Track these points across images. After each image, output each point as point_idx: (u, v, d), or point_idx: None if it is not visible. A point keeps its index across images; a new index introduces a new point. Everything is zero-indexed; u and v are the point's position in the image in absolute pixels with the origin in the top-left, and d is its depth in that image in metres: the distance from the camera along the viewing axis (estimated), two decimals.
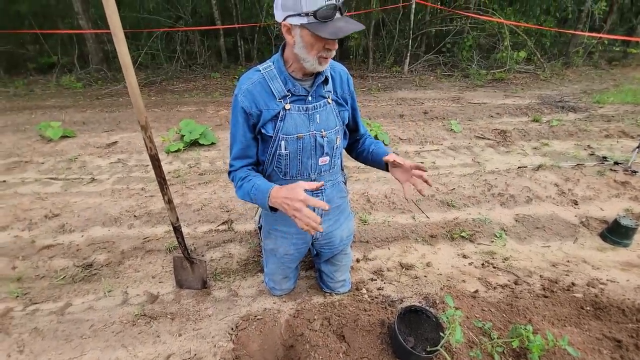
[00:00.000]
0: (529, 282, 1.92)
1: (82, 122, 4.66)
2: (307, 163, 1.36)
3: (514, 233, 2.39)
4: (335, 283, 1.81)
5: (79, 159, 3.63)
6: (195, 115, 4.96)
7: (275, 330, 1.64)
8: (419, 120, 4.63)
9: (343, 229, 1.65)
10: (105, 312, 1.81)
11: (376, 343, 1.47)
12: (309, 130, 1.30)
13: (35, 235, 2.44)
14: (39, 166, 3.50)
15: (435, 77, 7.19)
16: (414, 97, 5.75)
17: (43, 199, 2.86)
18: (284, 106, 1.26)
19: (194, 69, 8.00)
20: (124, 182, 3.16)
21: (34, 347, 1.57)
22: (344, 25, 1.08)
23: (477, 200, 2.72)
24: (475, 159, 3.48)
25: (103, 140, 4.03)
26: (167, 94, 6.36)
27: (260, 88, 1.25)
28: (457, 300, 1.72)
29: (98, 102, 5.84)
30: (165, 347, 1.56)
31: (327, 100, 1.32)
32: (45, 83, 7.19)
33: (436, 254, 2.23)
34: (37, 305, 1.89)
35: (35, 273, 2.14)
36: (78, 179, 3.26)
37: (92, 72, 7.46)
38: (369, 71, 7.77)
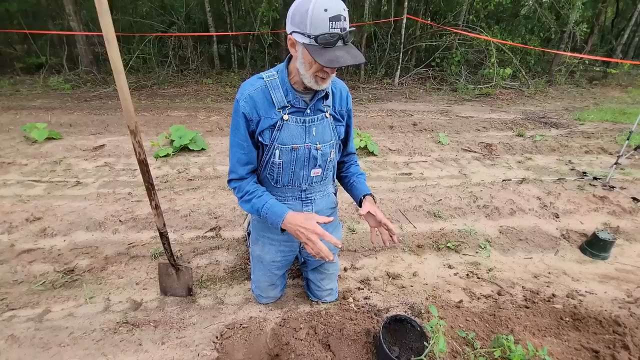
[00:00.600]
0: (511, 293, 1.96)
1: (69, 124, 4.58)
2: (299, 173, 1.39)
3: (498, 244, 2.44)
4: (322, 292, 1.82)
5: (64, 162, 3.56)
6: (186, 120, 4.94)
7: (260, 339, 1.63)
8: (408, 131, 4.71)
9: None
10: (85, 319, 1.76)
11: (362, 352, 1.47)
12: (304, 142, 1.33)
13: (15, 239, 2.37)
14: (21, 168, 3.42)
15: (425, 90, 7.36)
16: (403, 109, 5.86)
17: (25, 201, 2.79)
18: (282, 116, 1.28)
19: (185, 74, 7.99)
20: (110, 186, 3.11)
21: (10, 354, 1.52)
22: (342, 55, 1.09)
23: (463, 212, 2.78)
24: (461, 171, 3.56)
25: (90, 143, 3.97)
26: (157, 98, 6.32)
27: (262, 96, 1.27)
28: (441, 310, 1.75)
29: (86, 104, 5.76)
30: (147, 355, 1.53)
31: (325, 114, 1.35)
32: (32, 83, 7.06)
33: (422, 263, 2.26)
34: (14, 311, 1.82)
35: (13, 278, 2.07)
36: (62, 182, 3.20)
37: (82, 73, 7.36)
38: (361, 82, 7.90)
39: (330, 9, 1.04)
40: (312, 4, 1.04)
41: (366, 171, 3.50)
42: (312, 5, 1.04)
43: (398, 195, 2.95)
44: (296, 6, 1.10)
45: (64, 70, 7.47)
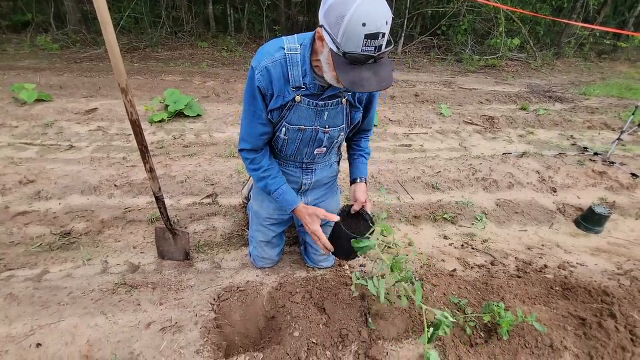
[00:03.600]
0: (504, 263, 2.00)
1: (58, 86, 4.42)
2: (302, 150, 1.38)
3: (494, 217, 2.46)
4: (318, 256, 1.84)
5: (56, 125, 3.47)
6: (181, 85, 4.78)
7: (257, 301, 1.66)
8: (409, 102, 4.60)
9: (329, 203, 1.69)
10: (84, 280, 1.78)
11: (356, 315, 1.51)
12: (313, 125, 1.28)
13: (9, 201, 2.35)
14: (12, 130, 3.33)
15: (429, 60, 7.13)
16: (405, 79, 5.69)
17: (17, 164, 2.74)
18: (294, 97, 1.19)
19: (179, 37, 7.64)
20: (104, 151, 3.05)
21: (10, 312, 1.54)
22: (368, 78, 0.96)
23: (462, 184, 2.77)
24: (462, 144, 3.52)
25: (82, 106, 3.85)
26: (150, 61, 6.09)
27: (280, 70, 1.16)
28: (435, 278, 1.78)
29: (77, 65, 5.53)
30: (145, 315, 1.56)
31: (341, 99, 1.25)
32: (18, 42, 6.74)
33: (418, 234, 2.28)
34: (12, 271, 1.84)
35: (10, 239, 2.07)
36: (55, 145, 3.13)
37: (70, 33, 7.01)
38: None
39: (370, 24, 0.88)
40: (350, 13, 0.88)
41: None
42: (350, 15, 0.88)
43: (397, 166, 2.93)
44: (335, 2, 0.92)
45: (52, 29, 7.11)
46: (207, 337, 1.46)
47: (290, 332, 1.45)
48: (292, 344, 1.39)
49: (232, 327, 1.57)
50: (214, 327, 1.52)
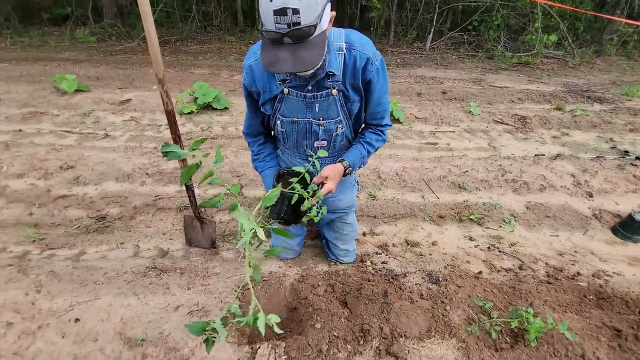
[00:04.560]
0: (533, 268, 1.93)
1: (96, 77, 4.63)
2: (302, 142, 1.38)
3: (523, 220, 2.37)
4: (338, 251, 1.84)
5: (93, 114, 3.64)
6: (209, 78, 4.89)
7: (280, 292, 1.69)
8: (436, 99, 4.50)
9: (341, 199, 1.62)
10: (117, 262, 1.88)
11: (377, 312, 1.51)
12: (305, 117, 1.27)
13: (51, 185, 2.50)
14: (53, 118, 3.53)
15: (458, 57, 6.92)
16: (433, 76, 5.56)
17: (58, 150, 2.90)
18: (282, 89, 1.21)
19: (209, 31, 7.80)
20: (137, 140, 3.18)
21: (51, 288, 1.65)
22: (283, 58, 0.93)
23: (490, 185, 2.69)
24: (491, 144, 3.41)
25: (117, 97, 4.02)
26: (181, 54, 6.25)
27: (263, 67, 1.17)
28: (459, 279, 1.75)
29: (112, 57, 5.77)
30: (174, 298, 1.63)
31: (330, 90, 1.20)
32: (59, 35, 7.10)
33: (443, 234, 2.24)
34: (53, 250, 1.96)
35: (51, 221, 2.21)
36: (92, 133, 3.29)
37: (106, 26, 7.31)
38: (389, 45, 7.49)
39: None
40: None
41: (390, 139, 3.41)
42: None
43: (422, 165, 2.88)
44: None
45: (90, 23, 7.44)
46: (231, 323, 1.50)
47: (312, 324, 1.47)
48: (314, 335, 1.41)
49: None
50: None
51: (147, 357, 1.36)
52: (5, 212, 2.25)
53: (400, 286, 1.68)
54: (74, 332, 1.44)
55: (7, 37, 6.60)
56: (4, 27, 7.15)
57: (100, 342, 1.40)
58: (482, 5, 7.15)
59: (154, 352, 1.37)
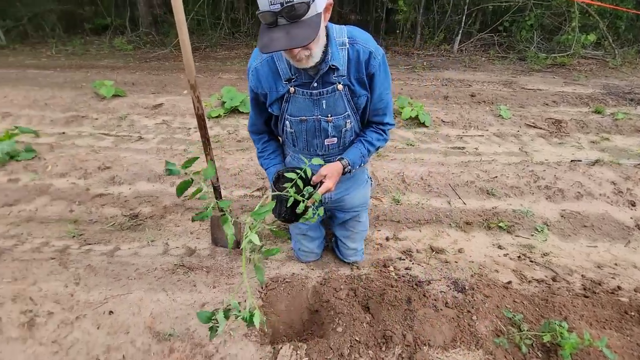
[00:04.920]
0: (568, 280, 1.83)
1: (131, 83, 4.88)
2: (312, 142, 1.38)
3: (557, 229, 2.26)
4: (347, 250, 1.84)
5: (128, 118, 3.84)
6: (236, 83, 5.02)
7: (302, 294, 1.71)
8: (464, 103, 4.38)
9: (354, 196, 1.62)
10: (148, 258, 1.96)
11: (400, 318, 1.48)
12: (313, 115, 1.28)
13: (90, 184, 2.66)
14: (93, 121, 3.75)
15: (487, 58, 6.71)
16: (461, 79, 5.42)
17: (97, 151, 3.08)
18: (289, 89, 1.22)
19: (237, 37, 8.03)
20: (167, 143, 3.32)
21: (88, 281, 1.75)
22: (279, 37, 0.94)
23: (521, 191, 2.58)
24: (522, 148, 3.27)
25: (150, 102, 4.22)
26: (210, 60, 6.48)
27: (267, 68, 1.22)
28: (487, 289, 1.68)
29: (146, 64, 6.07)
30: (200, 295, 1.68)
31: (336, 86, 1.21)
32: (99, 44, 7.56)
33: (469, 241, 2.17)
34: (90, 245, 2.08)
35: (89, 218, 2.35)
36: (127, 136, 3.47)
37: (142, 35, 7.70)
38: (415, 48, 7.39)
39: None
40: None
41: (415, 143, 3.36)
42: None
43: (449, 170, 2.81)
44: None
45: (127, 32, 7.87)
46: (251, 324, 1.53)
47: (333, 328, 1.47)
48: (336, 339, 1.41)
49: (277, 316, 1.63)
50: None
51: (174, 352, 1.41)
52: (49, 208, 2.42)
53: (424, 293, 1.64)
54: (107, 324, 1.51)
55: (52, 46, 7.11)
56: (50, 37, 7.70)
57: (132, 335, 1.47)
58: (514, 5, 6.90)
59: (180, 347, 1.42)
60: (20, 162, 2.84)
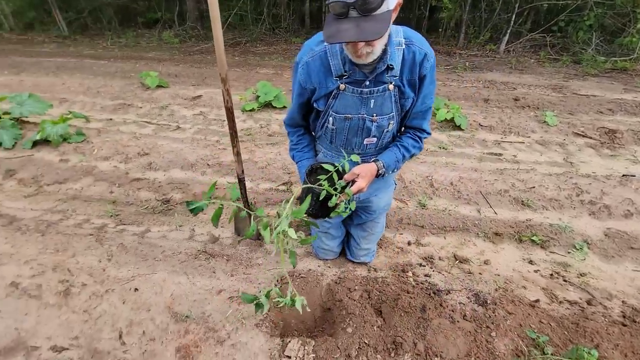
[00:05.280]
0: (605, 306, 1.67)
1: (175, 75, 5.13)
2: (352, 140, 1.36)
3: (599, 249, 2.07)
4: (359, 250, 1.82)
5: (169, 108, 4.04)
6: (272, 78, 5.11)
7: (316, 290, 1.71)
8: (506, 107, 4.14)
9: (381, 198, 1.61)
10: (174, 242, 2.06)
11: (413, 326, 1.44)
12: (359, 113, 1.26)
13: (129, 169, 2.84)
14: (137, 110, 4.00)
15: (537, 60, 6.28)
16: (505, 81, 5.13)
17: (138, 138, 3.28)
18: (338, 85, 1.20)
19: (277, 33, 8.15)
20: (202, 133, 3.46)
21: (119, 258, 1.88)
22: (347, 29, 0.92)
23: (560, 205, 2.40)
24: (567, 159, 3.03)
25: (190, 93, 4.42)
26: (249, 55, 6.64)
27: (319, 63, 1.20)
28: (511, 305, 1.59)
29: (190, 57, 6.35)
30: (219, 282, 1.74)
31: (387, 85, 1.19)
32: (149, 37, 8.02)
33: (497, 253, 2.05)
34: (125, 226, 2.23)
35: (126, 200, 2.51)
36: (166, 125, 3.66)
37: (188, 29, 8.06)
38: (458, 47, 7.08)
39: None
40: None
41: (448, 146, 3.23)
42: None
43: (481, 176, 2.67)
44: None
45: (175, 25, 8.28)
46: (267, 314, 1.56)
47: (343, 327, 1.47)
48: (345, 339, 1.40)
49: (290, 310, 1.65)
50: (274, 306, 1.62)
51: (189, 334, 1.47)
52: (93, 188, 2.62)
53: (441, 303, 1.58)
54: (132, 299, 1.62)
55: (108, 38, 7.64)
56: (106, 29, 8.28)
57: (152, 313, 1.56)
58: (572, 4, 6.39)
59: (195, 329, 1.48)
60: (72, 144, 3.09)
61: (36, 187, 2.61)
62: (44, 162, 2.85)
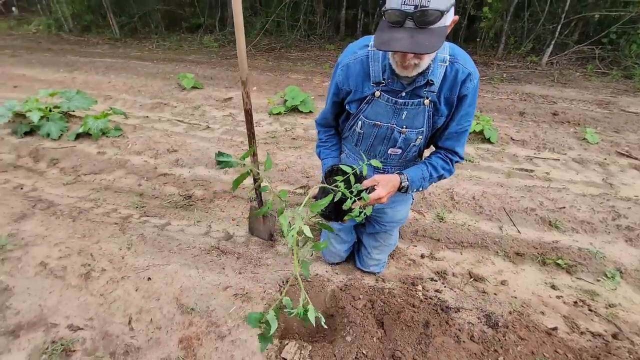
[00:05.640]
0: (633, 341, 1.52)
1: (210, 77, 5.37)
2: (377, 147, 1.35)
3: (634, 279, 1.89)
4: (370, 259, 1.79)
5: (201, 108, 4.23)
6: (302, 83, 5.20)
7: (320, 296, 1.71)
8: (543, 121, 3.91)
9: (397, 211, 1.58)
10: (191, 237, 2.15)
11: (414, 341, 1.39)
12: (389, 122, 1.24)
13: (158, 164, 3.00)
14: (172, 109, 4.22)
15: (583, 74, 5.90)
16: (544, 94, 4.86)
17: (169, 135, 3.46)
18: (374, 92, 1.20)
19: (311, 39, 8.29)
20: (229, 134, 3.58)
21: (138, 248, 1.98)
22: (401, 38, 0.91)
23: (593, 228, 2.22)
24: (607, 179, 2.81)
25: (222, 95, 4.60)
26: (283, 60, 6.80)
27: (360, 67, 1.20)
28: (524, 330, 1.49)
29: (226, 61, 6.62)
30: (226, 278, 1.79)
31: (423, 100, 1.17)
32: (191, 41, 8.45)
33: (517, 274, 1.94)
34: (148, 217, 2.35)
35: (152, 193, 2.65)
36: (197, 124, 3.83)
37: (227, 34, 8.41)
38: (497, 58, 6.82)
39: None
40: None
41: (475, 159, 3.10)
42: None
43: (507, 192, 2.54)
44: None
45: (215, 31, 8.67)
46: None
47: (343, 335, 1.45)
48: (342, 347, 1.38)
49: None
50: (277, 306, 1.63)
51: (192, 326, 1.52)
52: (123, 180, 2.79)
53: (447, 320, 1.52)
54: (144, 288, 1.70)
55: (154, 41, 8.15)
56: (153, 33, 8.84)
57: (161, 302, 1.63)
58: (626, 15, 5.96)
59: (198, 322, 1.53)
60: (109, 138, 3.32)
61: (75, 176, 2.83)
62: (84, 154, 3.08)
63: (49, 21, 9.70)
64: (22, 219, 2.17)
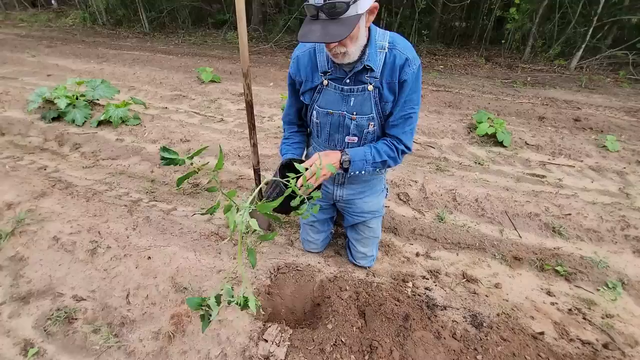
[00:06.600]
0: (625, 352, 1.47)
1: (229, 72, 5.51)
2: (334, 136, 1.41)
3: (637, 290, 1.82)
4: (356, 253, 1.83)
5: (218, 101, 4.36)
6: None
7: (309, 285, 1.75)
8: (562, 127, 3.77)
9: (366, 202, 1.63)
10: (193, 222, 2.24)
11: (392, 333, 1.41)
12: (340, 110, 1.32)
13: None
14: (190, 101, 4.37)
15: (614, 80, 5.61)
16: (568, 99, 4.67)
17: (184, 126, 3.60)
18: (322, 81, 1.29)
19: None
20: (241, 127, 3.68)
21: (142, 229, 2.09)
22: (315, 30, 1.00)
23: (599, 237, 2.14)
24: (624, 189, 2.69)
25: (238, 89, 4.71)
26: None
27: (308, 58, 1.29)
28: (508, 332, 1.47)
29: None
30: (220, 263, 1.86)
31: (367, 86, 1.24)
32: (216, 36, 8.68)
33: (513, 278, 1.91)
34: (156, 202, 2.47)
35: (163, 179, 2.77)
36: (212, 117, 3.95)
37: (251, 30, 8.57)
38: (522, 61, 6.60)
39: None
40: None
41: (485, 162, 3.05)
42: None
43: (512, 196, 2.48)
44: None
45: None
46: (258, 299, 1.63)
47: (325, 323, 1.48)
48: (322, 333, 1.42)
49: (281, 299, 1.71)
50: (266, 292, 1.69)
51: (184, 303, 1.60)
52: (138, 166, 2.94)
53: (430, 316, 1.52)
54: (144, 266, 1.80)
55: (180, 36, 8.43)
56: (180, 28, 9.13)
57: (158, 280, 1.72)
58: None
59: None
60: (128, 126, 3.50)
61: (94, 161, 3.00)
62: (104, 140, 3.26)
63: (84, 14, 10.22)
64: (42, 196, 2.34)
